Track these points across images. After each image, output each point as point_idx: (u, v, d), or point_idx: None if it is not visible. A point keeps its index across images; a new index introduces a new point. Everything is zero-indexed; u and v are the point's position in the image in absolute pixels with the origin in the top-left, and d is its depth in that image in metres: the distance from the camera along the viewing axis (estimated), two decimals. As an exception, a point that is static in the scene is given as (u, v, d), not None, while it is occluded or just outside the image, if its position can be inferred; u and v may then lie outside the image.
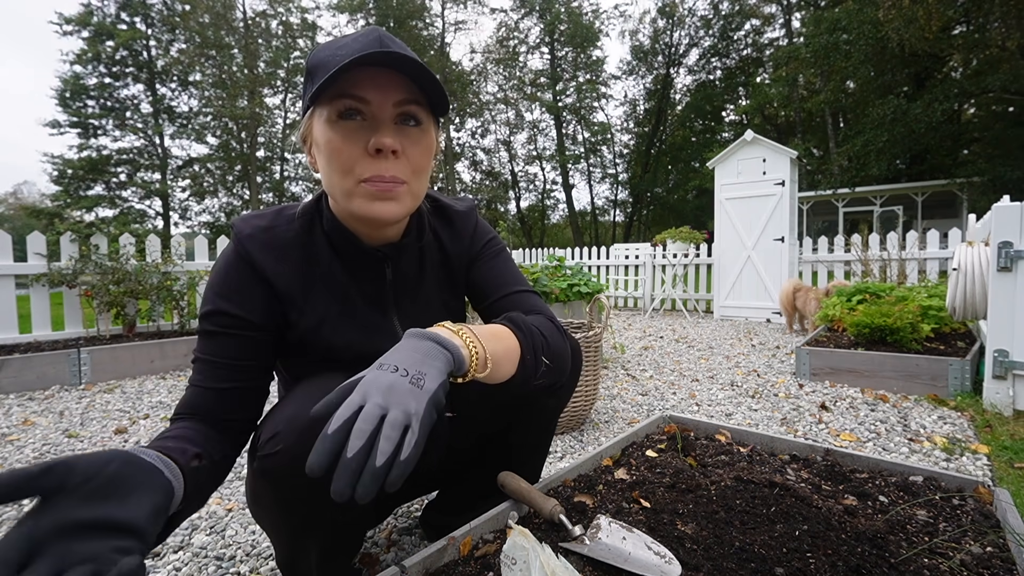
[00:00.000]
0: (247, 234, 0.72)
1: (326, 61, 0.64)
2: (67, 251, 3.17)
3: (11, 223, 28.73)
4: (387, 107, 0.65)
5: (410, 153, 0.67)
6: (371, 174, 0.65)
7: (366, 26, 11.10)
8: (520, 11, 24.08)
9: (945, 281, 3.58)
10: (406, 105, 0.66)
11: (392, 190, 0.67)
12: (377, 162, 0.65)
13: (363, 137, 0.65)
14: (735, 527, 0.84)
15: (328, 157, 0.66)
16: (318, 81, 0.62)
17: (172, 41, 20.65)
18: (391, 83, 0.64)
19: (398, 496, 1.02)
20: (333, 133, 0.64)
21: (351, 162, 0.65)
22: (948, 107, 12.00)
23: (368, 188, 0.66)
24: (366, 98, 0.64)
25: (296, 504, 0.70)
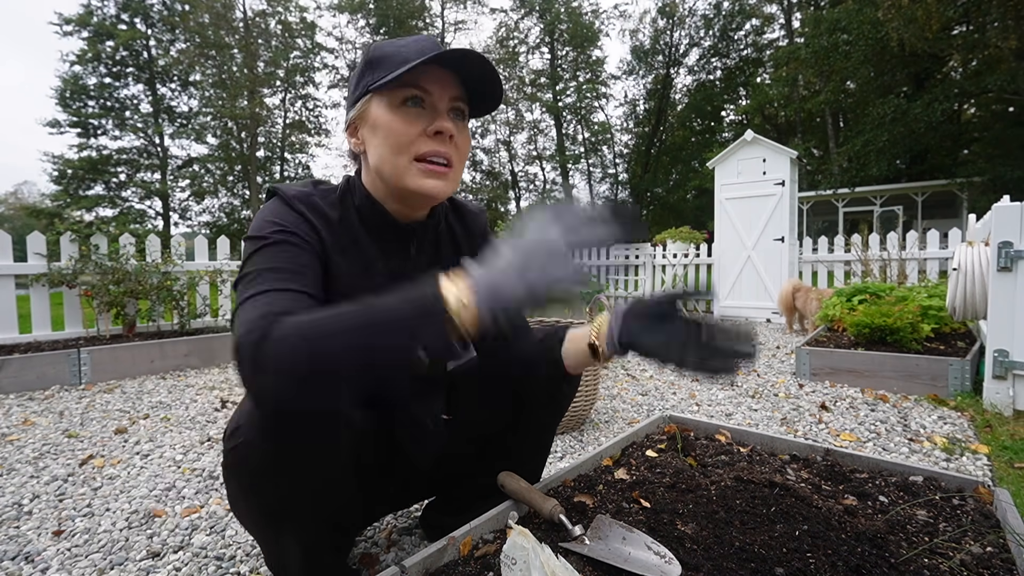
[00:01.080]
0: (293, 194, 0.76)
1: (392, 55, 0.72)
2: (67, 251, 3.17)
3: (11, 223, 28.74)
4: (444, 99, 0.73)
5: (459, 141, 0.76)
6: (428, 150, 0.72)
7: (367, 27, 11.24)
8: (520, 11, 24.09)
9: (945, 281, 3.57)
10: (458, 101, 0.75)
11: (445, 171, 0.74)
12: (435, 142, 0.73)
13: (423, 121, 0.72)
14: (735, 527, 0.84)
15: (386, 135, 0.72)
16: (387, 70, 0.71)
17: (172, 41, 20.65)
18: (448, 80, 0.73)
19: (393, 498, 1.02)
20: (395, 116, 0.72)
21: (409, 140, 0.72)
22: (948, 107, 12.00)
23: (421, 166, 0.73)
24: (429, 89, 0.72)
25: (264, 496, 0.71)
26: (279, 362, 0.53)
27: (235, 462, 0.70)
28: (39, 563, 1.06)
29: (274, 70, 21.90)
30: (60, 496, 1.38)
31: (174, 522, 1.23)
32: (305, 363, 0.53)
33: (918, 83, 13.66)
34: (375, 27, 23.10)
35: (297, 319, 0.56)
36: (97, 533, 1.18)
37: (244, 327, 0.57)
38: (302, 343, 0.54)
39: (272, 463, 0.68)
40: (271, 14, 21.70)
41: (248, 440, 0.67)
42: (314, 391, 0.55)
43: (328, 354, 0.54)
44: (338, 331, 0.55)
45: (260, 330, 0.55)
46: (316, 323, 0.56)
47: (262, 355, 0.54)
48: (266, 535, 0.79)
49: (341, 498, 0.78)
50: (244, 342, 0.55)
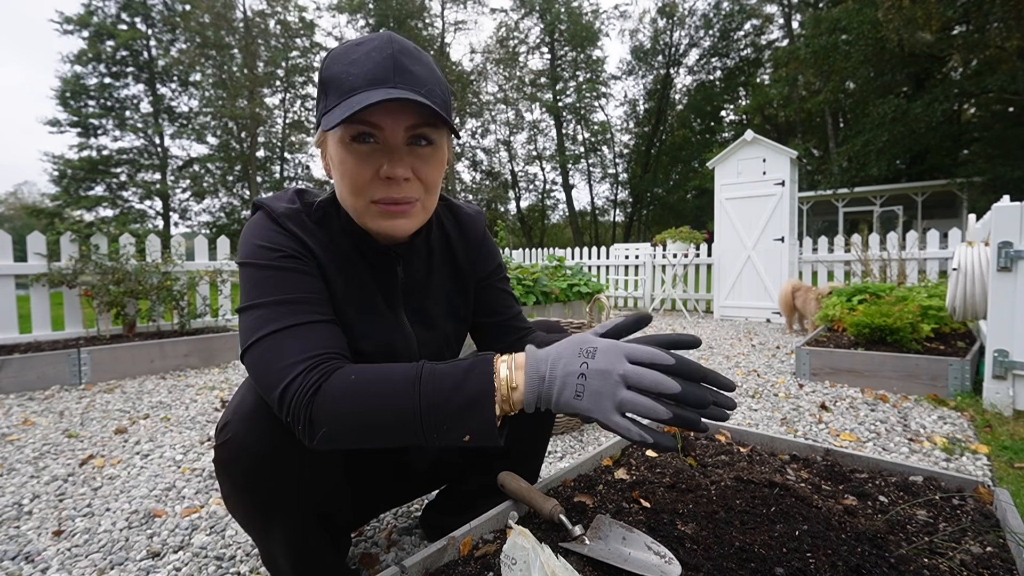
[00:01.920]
0: (281, 211, 0.73)
1: (340, 78, 0.64)
2: (67, 251, 3.17)
3: (11, 223, 28.73)
4: (399, 133, 0.66)
5: (422, 174, 0.69)
6: (382, 196, 0.67)
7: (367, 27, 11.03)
8: (520, 11, 24.08)
9: (945, 281, 3.58)
10: (418, 128, 0.67)
11: (405, 209, 0.69)
12: (389, 186, 0.67)
13: (376, 161, 0.66)
14: (735, 527, 0.84)
15: (341, 176, 0.68)
16: (335, 97, 0.64)
17: (172, 41, 20.65)
18: (404, 110, 0.65)
19: (389, 497, 1.02)
20: (347, 154, 0.66)
21: (363, 184, 0.67)
22: (948, 107, 12.00)
23: (382, 208, 0.68)
24: (379, 124, 0.65)
25: (254, 492, 0.72)
26: (332, 421, 0.58)
27: (225, 458, 0.71)
28: (39, 563, 1.06)
29: (274, 70, 21.90)
30: (60, 496, 1.38)
31: (174, 522, 1.23)
32: (357, 428, 0.59)
33: (918, 83, 13.66)
34: (375, 27, 23.08)
35: (349, 381, 0.60)
36: (97, 533, 1.18)
37: (290, 372, 0.60)
38: (355, 410, 0.58)
39: (259, 460, 0.68)
40: (271, 14, 21.70)
41: (236, 436, 0.68)
42: (360, 443, 0.60)
43: (379, 424, 0.58)
44: (391, 405, 0.58)
45: (312, 383, 0.59)
46: (366, 392, 0.59)
47: (318, 412, 0.58)
48: (258, 531, 0.80)
49: (330, 494, 0.79)
50: (298, 393, 0.59)
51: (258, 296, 0.66)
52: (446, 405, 0.57)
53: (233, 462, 0.70)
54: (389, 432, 0.59)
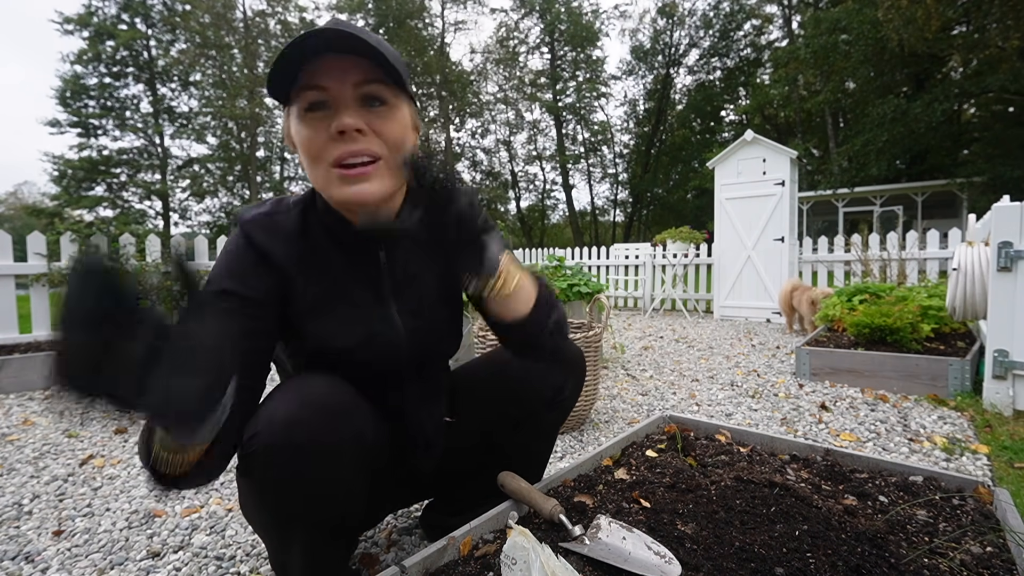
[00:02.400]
0: (248, 219, 0.74)
1: (277, 59, 0.63)
2: (67, 251, 3.17)
3: (11, 223, 28.72)
4: (346, 90, 0.65)
5: (380, 129, 0.67)
6: (338, 153, 0.66)
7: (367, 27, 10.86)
8: (520, 11, 24.07)
9: (945, 281, 3.57)
10: (366, 86, 0.66)
11: (366, 171, 0.67)
12: (343, 143, 0.66)
13: (328, 124, 0.65)
14: (735, 527, 0.84)
15: (301, 150, 0.68)
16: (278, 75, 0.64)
17: (172, 41, 20.63)
18: (348, 67, 0.64)
19: (395, 500, 1.02)
20: (302, 126, 0.66)
21: (319, 149, 0.66)
22: (948, 107, 11.99)
23: (341, 173, 0.67)
24: (324, 86, 0.64)
25: (278, 503, 0.70)
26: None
27: (250, 468, 0.69)
28: (39, 563, 1.06)
29: (274, 70, 21.88)
30: (60, 496, 1.38)
31: (174, 522, 1.23)
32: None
33: (918, 83, 13.65)
34: (375, 27, 23.09)
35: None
36: (97, 533, 1.18)
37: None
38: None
39: (287, 475, 0.67)
40: (271, 14, 21.70)
41: (265, 449, 0.66)
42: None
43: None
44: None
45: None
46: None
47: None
48: (273, 539, 0.79)
49: (354, 505, 0.78)
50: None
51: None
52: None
53: (259, 475, 0.68)
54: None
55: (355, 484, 0.76)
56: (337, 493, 0.73)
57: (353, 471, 0.73)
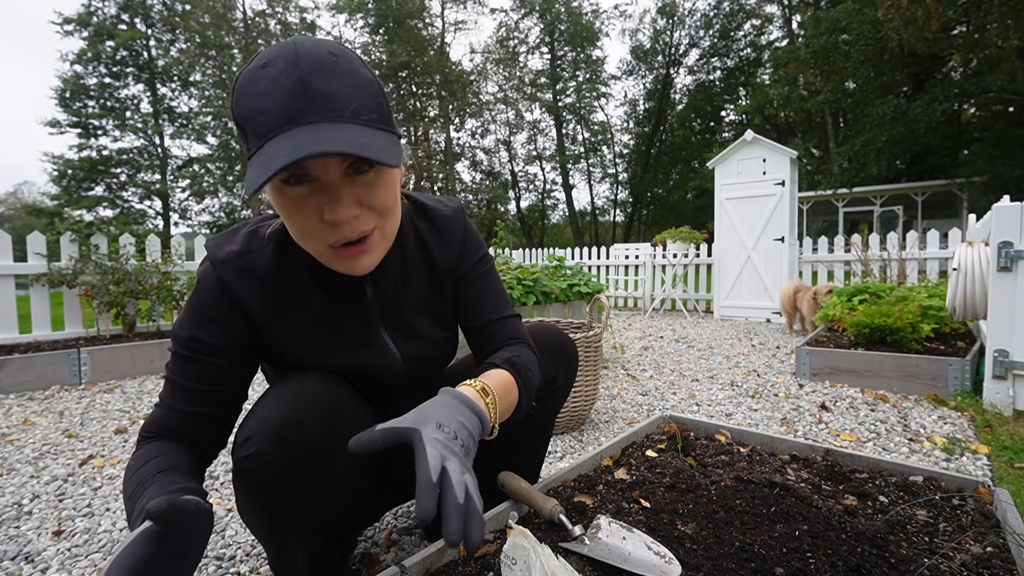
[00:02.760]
0: (220, 260, 0.71)
1: (251, 119, 0.57)
2: (67, 251, 3.17)
3: (11, 223, 28.72)
4: (332, 171, 0.59)
5: (371, 202, 0.63)
6: (334, 241, 0.63)
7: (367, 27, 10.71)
8: (520, 11, 24.08)
9: (945, 281, 3.57)
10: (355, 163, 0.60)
11: (363, 248, 0.65)
12: (338, 230, 0.62)
13: (315, 205, 0.60)
14: (735, 527, 0.84)
15: (287, 222, 0.64)
16: (253, 140, 0.57)
17: (172, 41, 20.64)
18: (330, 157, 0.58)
19: (394, 500, 1.02)
20: (282, 199, 0.60)
21: (311, 230, 0.62)
22: (948, 107, 11.99)
23: (340, 252, 0.64)
24: (308, 172, 0.58)
25: (274, 504, 0.70)
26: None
27: (246, 471, 0.68)
28: (39, 563, 1.06)
29: (274, 70, 21.87)
30: (60, 496, 1.38)
31: (174, 522, 1.23)
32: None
33: (918, 83, 13.66)
34: (374, 27, 23.09)
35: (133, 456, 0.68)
36: (97, 533, 1.18)
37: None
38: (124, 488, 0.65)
39: (284, 477, 0.67)
40: (271, 14, 21.70)
41: (260, 452, 0.65)
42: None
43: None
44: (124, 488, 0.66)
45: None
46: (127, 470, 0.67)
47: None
48: (272, 540, 0.79)
49: (351, 505, 0.78)
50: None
51: (169, 362, 0.74)
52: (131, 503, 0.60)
53: (254, 478, 0.68)
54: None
55: (353, 483, 0.76)
56: (335, 493, 0.73)
57: (350, 470, 0.73)
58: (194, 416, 0.72)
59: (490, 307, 0.88)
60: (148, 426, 0.72)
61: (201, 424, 0.72)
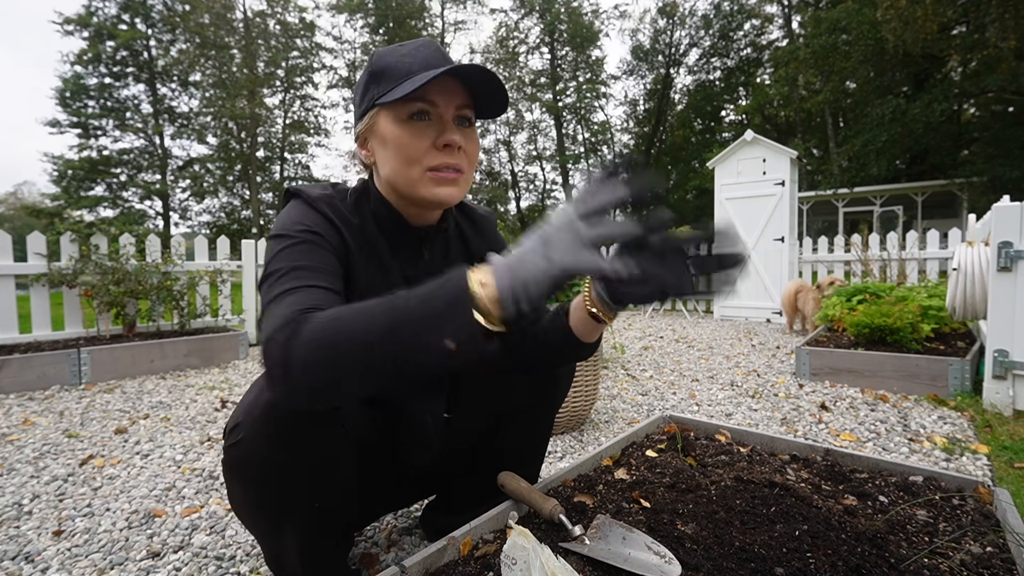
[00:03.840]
0: (316, 195, 0.78)
1: (394, 66, 0.73)
2: (67, 251, 3.17)
3: (11, 223, 28.72)
4: (451, 110, 0.74)
5: (467, 148, 0.76)
6: (439, 162, 0.74)
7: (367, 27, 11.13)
8: (520, 11, 24.07)
9: (945, 281, 3.57)
10: (464, 109, 0.75)
11: (456, 177, 0.76)
12: (444, 155, 0.74)
13: (431, 134, 0.73)
14: (735, 527, 0.84)
15: (397, 149, 0.74)
16: (391, 82, 0.72)
17: (172, 41, 20.65)
18: (455, 90, 0.74)
19: (394, 498, 1.02)
20: (403, 130, 0.73)
21: (420, 154, 0.73)
22: (947, 107, 12.00)
23: (433, 175, 0.74)
24: (435, 101, 0.72)
25: (265, 491, 0.71)
26: (308, 362, 0.53)
27: (234, 460, 0.71)
28: (39, 563, 1.06)
29: (274, 70, 21.90)
30: (60, 496, 1.38)
31: (174, 522, 1.23)
32: (335, 362, 0.54)
33: (918, 83, 13.66)
34: (374, 27, 23.08)
35: (324, 316, 0.56)
36: (97, 533, 1.18)
37: (272, 325, 0.57)
38: (331, 343, 0.54)
39: (271, 462, 0.68)
40: (271, 14, 21.70)
41: (248, 438, 0.67)
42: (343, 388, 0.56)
43: (358, 353, 0.53)
44: (367, 329, 0.54)
45: (289, 329, 0.55)
46: (344, 321, 0.55)
47: (291, 355, 0.53)
48: (265, 533, 0.80)
49: (341, 496, 0.79)
50: (273, 341, 0.55)
51: (273, 265, 0.68)
52: (423, 311, 0.54)
53: (243, 465, 0.70)
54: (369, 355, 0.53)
55: (342, 469, 0.77)
56: (324, 478, 0.74)
57: (339, 455, 0.74)
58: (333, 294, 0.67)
59: None
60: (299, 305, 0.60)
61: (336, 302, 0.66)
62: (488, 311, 0.55)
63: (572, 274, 0.54)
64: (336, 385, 0.55)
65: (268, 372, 0.56)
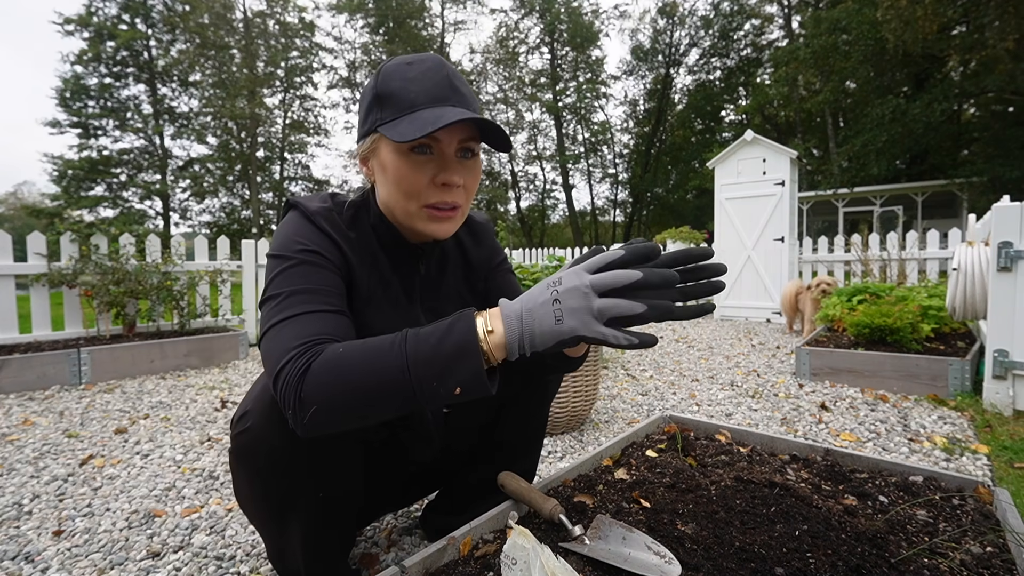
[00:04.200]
0: (315, 209, 0.77)
1: (399, 94, 0.70)
2: (67, 251, 3.17)
3: (11, 223, 28.71)
4: (453, 144, 0.73)
5: (467, 183, 0.76)
6: (436, 200, 0.73)
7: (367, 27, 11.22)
8: (520, 11, 24.07)
9: (945, 281, 3.57)
10: (468, 142, 0.74)
11: (452, 214, 0.75)
12: (442, 192, 0.73)
13: (430, 170, 0.72)
14: (735, 527, 0.84)
15: (396, 182, 0.73)
16: (394, 111, 0.70)
17: (172, 41, 20.65)
18: (460, 127, 0.72)
19: (395, 495, 1.03)
20: (403, 162, 0.72)
21: (418, 189, 0.73)
22: (947, 107, 12.00)
23: (430, 212, 0.74)
24: (438, 137, 0.71)
25: (271, 480, 0.72)
26: (322, 397, 0.57)
27: (242, 447, 0.72)
28: (39, 563, 1.06)
29: (274, 70, 21.90)
30: (60, 496, 1.38)
31: (174, 522, 1.23)
32: (348, 400, 0.58)
33: (918, 83, 13.66)
34: (374, 27, 23.08)
35: (332, 357, 0.59)
36: (97, 533, 1.18)
37: (283, 356, 0.61)
38: (341, 388, 0.58)
39: (279, 450, 0.69)
40: (270, 15, 21.70)
41: (256, 425, 0.69)
42: (354, 424, 0.60)
43: (370, 392, 0.58)
44: (376, 373, 0.58)
45: (302, 364, 0.59)
46: (353, 365, 0.58)
47: (307, 391, 0.58)
48: (269, 525, 0.80)
49: (346, 487, 0.80)
50: (284, 382, 0.59)
51: (274, 288, 0.69)
52: (433, 360, 0.57)
53: (251, 453, 0.71)
54: (380, 398, 0.58)
55: (348, 459, 0.78)
56: (330, 467, 0.75)
57: (345, 444, 0.76)
58: (339, 315, 0.69)
59: (515, 291, 0.99)
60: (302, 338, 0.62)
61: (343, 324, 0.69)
62: (493, 356, 0.59)
63: (579, 339, 0.57)
64: (348, 422, 0.60)
65: (283, 402, 0.59)
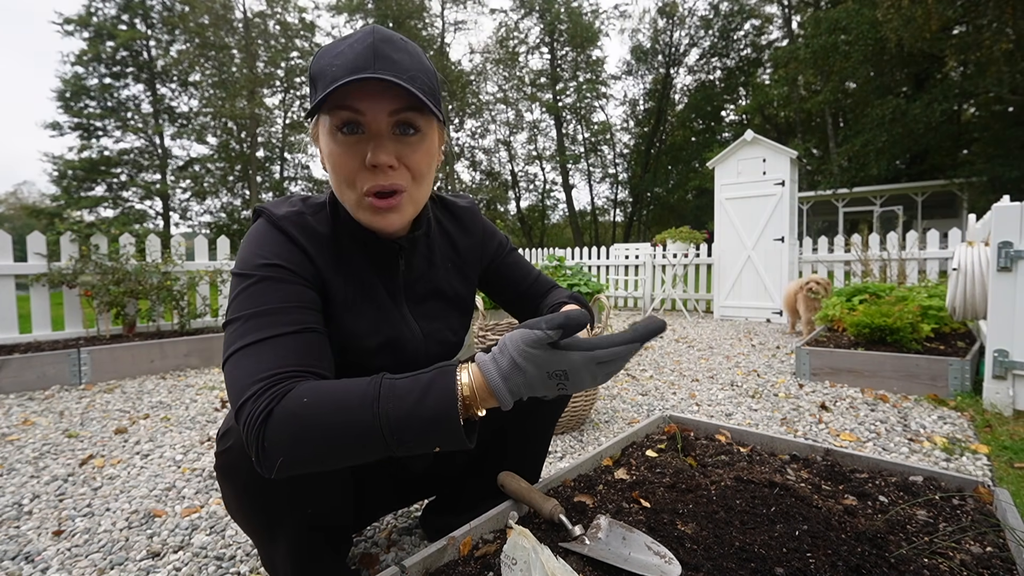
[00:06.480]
0: (282, 215, 0.72)
1: (324, 70, 0.64)
2: (67, 251, 3.17)
3: (11, 223, 28.70)
4: (382, 118, 0.65)
5: (409, 161, 0.68)
6: (371, 185, 0.67)
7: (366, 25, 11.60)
8: (520, 11, 24.06)
9: (945, 281, 3.57)
10: (401, 114, 0.66)
11: (393, 203, 0.69)
12: (375, 175, 0.66)
13: (362, 150, 0.66)
14: (735, 527, 0.84)
15: (332, 168, 0.68)
16: (321, 89, 0.64)
17: (172, 41, 20.64)
18: (385, 94, 0.64)
19: (392, 499, 1.02)
20: (334, 145, 0.66)
21: (352, 175, 0.67)
22: (947, 107, 11.99)
23: (372, 202, 0.68)
24: (360, 110, 0.64)
25: (256, 500, 0.71)
26: (287, 448, 0.56)
27: (226, 466, 0.70)
28: (39, 563, 1.06)
29: (274, 70, 21.89)
30: (60, 496, 1.38)
31: (174, 522, 1.23)
32: (316, 453, 0.57)
33: (918, 83, 13.65)
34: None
35: (300, 405, 0.56)
36: (97, 533, 1.18)
37: (243, 393, 0.58)
38: (310, 436, 0.56)
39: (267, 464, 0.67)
40: (270, 15, 21.69)
41: (238, 445, 0.67)
42: (325, 467, 0.59)
43: (337, 448, 0.57)
44: (348, 422, 0.56)
45: (263, 406, 0.56)
46: (323, 411, 0.56)
47: (270, 440, 0.56)
48: (259, 536, 0.79)
49: (334, 502, 0.78)
50: (249, 418, 0.56)
51: (235, 311, 0.65)
52: (408, 422, 0.56)
53: (235, 471, 0.69)
54: (351, 453, 0.57)
55: (334, 480, 0.76)
56: (315, 487, 0.73)
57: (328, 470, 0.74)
58: (306, 334, 0.65)
59: (526, 273, 0.99)
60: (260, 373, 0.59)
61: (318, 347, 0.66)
62: (474, 409, 0.59)
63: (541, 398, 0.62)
64: (318, 469, 0.59)
65: (246, 443, 0.57)
